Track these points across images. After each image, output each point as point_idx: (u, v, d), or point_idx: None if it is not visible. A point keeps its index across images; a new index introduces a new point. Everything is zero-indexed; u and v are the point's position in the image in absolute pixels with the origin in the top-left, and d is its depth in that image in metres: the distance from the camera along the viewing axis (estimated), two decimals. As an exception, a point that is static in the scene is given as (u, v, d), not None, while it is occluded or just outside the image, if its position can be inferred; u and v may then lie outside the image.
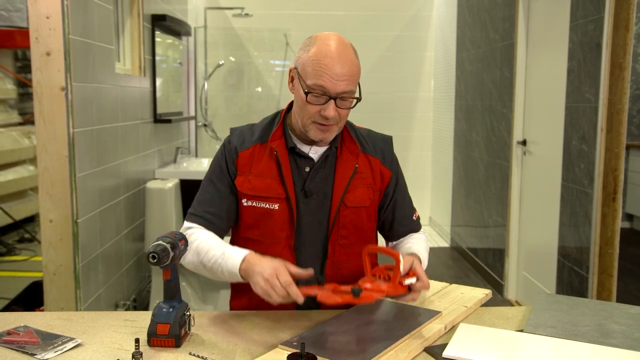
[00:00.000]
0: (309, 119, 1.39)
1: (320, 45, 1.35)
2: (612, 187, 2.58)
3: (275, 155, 1.45)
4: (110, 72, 2.90)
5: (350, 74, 1.34)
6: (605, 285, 2.63)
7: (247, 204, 1.46)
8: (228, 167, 1.48)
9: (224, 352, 1.22)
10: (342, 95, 1.35)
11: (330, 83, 1.33)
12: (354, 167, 1.47)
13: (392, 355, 1.17)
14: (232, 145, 1.49)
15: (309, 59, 1.35)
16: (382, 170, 1.52)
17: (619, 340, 1.27)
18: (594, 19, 2.65)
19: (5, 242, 4.64)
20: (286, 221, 1.44)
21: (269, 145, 1.46)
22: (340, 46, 1.35)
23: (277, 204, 1.44)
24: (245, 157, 1.47)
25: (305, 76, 1.36)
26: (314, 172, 1.46)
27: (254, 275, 1.26)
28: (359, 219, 1.49)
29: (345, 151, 1.48)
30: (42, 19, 2.28)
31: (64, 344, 1.23)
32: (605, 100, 2.55)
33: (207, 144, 5.43)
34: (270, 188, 1.44)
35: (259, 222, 1.46)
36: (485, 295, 1.58)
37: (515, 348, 1.23)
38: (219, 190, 1.48)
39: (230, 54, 5.50)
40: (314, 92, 1.34)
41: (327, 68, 1.33)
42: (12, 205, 4.71)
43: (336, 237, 1.47)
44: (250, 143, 1.48)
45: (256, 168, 1.46)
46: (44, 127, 2.34)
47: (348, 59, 1.35)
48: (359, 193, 1.48)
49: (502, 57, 3.88)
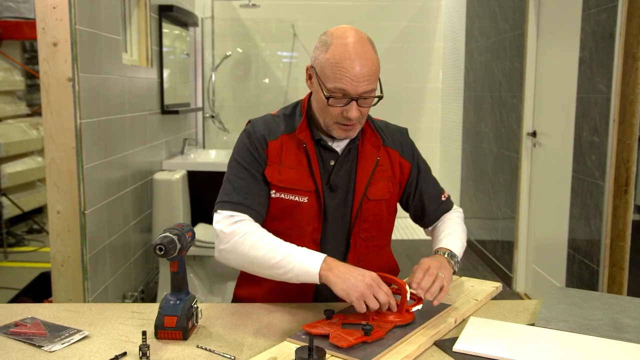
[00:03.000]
0: (331, 119, 1.37)
1: (337, 46, 1.31)
2: (624, 179, 2.54)
3: (305, 147, 1.42)
4: (117, 63, 2.89)
5: (370, 73, 1.31)
6: (616, 279, 2.60)
7: (275, 196, 1.42)
8: (259, 155, 1.43)
9: (232, 344, 1.21)
10: (363, 95, 1.32)
11: (350, 85, 1.30)
12: (376, 160, 1.45)
13: (401, 349, 1.15)
14: (259, 134, 1.44)
15: (327, 61, 1.32)
16: (401, 163, 1.51)
17: (632, 335, 1.24)
18: (606, 7, 2.60)
19: (14, 233, 4.66)
20: (314, 214, 1.42)
21: (296, 137, 1.43)
22: (357, 44, 1.31)
23: (306, 196, 1.41)
24: (275, 147, 1.43)
25: (324, 79, 1.33)
26: (339, 166, 1.45)
27: (350, 279, 1.22)
28: (380, 212, 1.48)
29: (367, 144, 1.47)
30: (49, 9, 2.27)
31: (71, 336, 1.22)
32: (618, 90, 2.51)
33: (214, 136, 5.42)
34: (300, 180, 1.42)
35: (285, 214, 1.43)
36: (495, 288, 1.56)
37: (526, 342, 1.21)
38: (255, 176, 1.42)
39: (238, 45, 5.48)
40: (335, 95, 1.32)
41: (347, 70, 1.29)
42: (21, 197, 4.73)
43: (358, 230, 1.46)
44: (278, 133, 1.44)
45: (286, 159, 1.42)
46: (51, 118, 2.33)
47: (367, 58, 1.31)
48: (380, 186, 1.47)
49: (512, 48, 3.83)
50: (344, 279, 1.23)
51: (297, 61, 5.51)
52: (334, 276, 1.24)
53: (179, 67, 4.30)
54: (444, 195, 1.60)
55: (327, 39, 1.34)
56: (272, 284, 1.43)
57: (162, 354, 1.16)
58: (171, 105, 3.87)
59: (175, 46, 4.17)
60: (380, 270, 1.34)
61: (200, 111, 5.06)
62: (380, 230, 1.51)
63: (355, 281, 1.22)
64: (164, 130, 3.79)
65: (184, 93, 4.46)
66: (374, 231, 1.49)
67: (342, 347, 1.12)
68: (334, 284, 1.24)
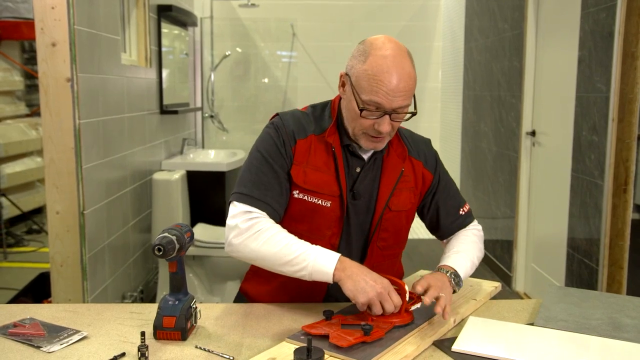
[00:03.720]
0: (360, 130, 1.34)
1: (376, 57, 1.27)
2: (623, 178, 2.54)
3: (333, 151, 1.39)
4: (116, 63, 2.89)
5: (406, 88, 1.28)
6: (615, 278, 2.60)
7: (297, 196, 1.38)
8: (286, 151, 1.38)
9: (231, 345, 1.21)
10: (397, 110, 1.30)
11: (385, 99, 1.27)
12: (400, 170, 1.43)
13: (401, 349, 1.15)
14: (289, 129, 1.40)
15: (364, 72, 1.28)
16: (424, 174, 1.48)
17: (631, 334, 1.24)
18: (606, 6, 2.60)
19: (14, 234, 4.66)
20: (335, 219, 1.40)
21: (324, 139, 1.40)
22: (397, 58, 1.28)
23: (329, 201, 1.38)
24: (303, 146, 1.39)
25: (359, 90, 1.30)
26: (364, 174, 1.42)
27: (361, 282, 1.22)
28: (399, 222, 1.46)
29: (392, 154, 1.44)
30: (48, 9, 2.27)
31: (69, 337, 1.22)
32: (617, 89, 2.51)
33: (213, 135, 5.42)
34: (326, 184, 1.38)
35: (305, 216, 1.39)
36: (494, 288, 1.56)
37: (525, 342, 1.21)
38: (277, 173, 1.37)
39: (237, 44, 5.47)
40: (368, 107, 1.30)
41: (383, 84, 1.26)
42: (20, 197, 4.73)
43: (376, 239, 1.44)
44: (308, 132, 1.40)
45: (313, 161, 1.39)
46: (50, 119, 2.33)
47: (405, 73, 1.27)
48: (403, 197, 1.44)
49: (511, 47, 3.83)
50: (355, 280, 1.23)
51: (296, 61, 5.51)
52: (346, 276, 1.24)
53: (178, 67, 4.29)
54: (463, 209, 1.54)
55: (365, 49, 1.31)
56: (282, 282, 1.42)
57: (161, 355, 1.15)
58: (170, 105, 3.87)
59: (174, 46, 4.17)
60: None
61: (200, 111, 5.06)
62: (398, 240, 1.48)
63: (366, 286, 1.22)
64: (163, 130, 3.79)
65: (183, 93, 4.46)
66: (392, 240, 1.46)
67: (342, 347, 1.12)
68: (344, 283, 1.24)
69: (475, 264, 1.47)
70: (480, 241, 1.53)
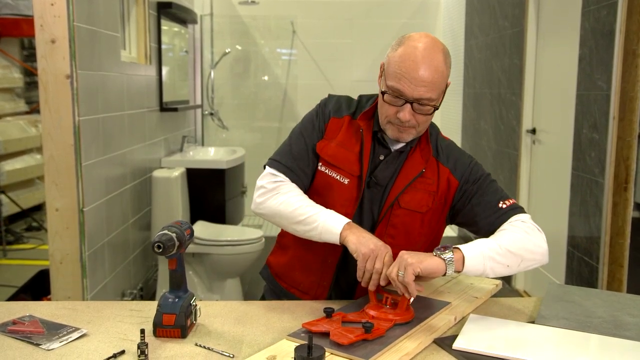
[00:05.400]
0: (385, 117, 1.37)
1: (408, 47, 1.31)
2: (624, 176, 2.54)
3: (361, 133, 1.44)
4: (115, 60, 2.88)
5: (431, 80, 1.29)
6: (615, 276, 2.60)
7: (321, 169, 1.46)
8: (319, 127, 1.48)
9: (231, 342, 1.20)
10: (420, 101, 1.31)
11: (408, 87, 1.29)
12: (421, 170, 1.42)
13: (401, 347, 1.15)
14: (328, 109, 1.49)
15: (394, 58, 1.32)
16: (449, 179, 1.43)
17: (633, 332, 1.24)
18: (607, 4, 2.59)
19: (13, 231, 4.66)
20: (351, 199, 1.43)
21: (357, 122, 1.46)
22: (427, 50, 1.30)
23: (347, 178, 1.43)
24: (336, 124, 1.47)
25: (387, 75, 1.34)
26: (385, 164, 1.43)
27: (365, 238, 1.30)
28: (412, 223, 1.43)
29: (417, 152, 1.44)
30: (47, 5, 2.26)
31: (69, 334, 1.22)
32: (618, 87, 2.51)
33: (213, 133, 5.41)
34: (348, 161, 1.43)
35: (325, 190, 1.45)
36: (495, 286, 1.56)
37: (526, 340, 1.21)
38: (307, 145, 1.47)
39: (237, 42, 5.46)
40: (391, 93, 1.32)
41: (407, 72, 1.29)
42: (20, 194, 4.72)
43: (383, 233, 1.42)
44: (344, 113, 1.48)
45: (342, 138, 1.45)
46: (50, 116, 2.32)
47: (432, 65, 1.29)
48: (418, 197, 1.42)
49: (511, 45, 3.83)
50: (359, 236, 1.31)
51: (296, 58, 5.50)
52: (352, 234, 1.32)
53: (178, 65, 4.28)
54: (505, 203, 1.40)
55: (402, 39, 1.35)
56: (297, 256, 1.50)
57: (161, 352, 1.15)
58: (170, 102, 3.86)
59: (174, 43, 4.16)
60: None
61: (199, 108, 5.05)
62: (410, 242, 1.44)
63: (368, 241, 1.30)
64: (162, 127, 3.79)
65: (183, 90, 4.45)
66: (401, 240, 1.43)
67: (343, 344, 1.11)
68: (349, 240, 1.31)
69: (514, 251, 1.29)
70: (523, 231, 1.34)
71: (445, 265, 1.24)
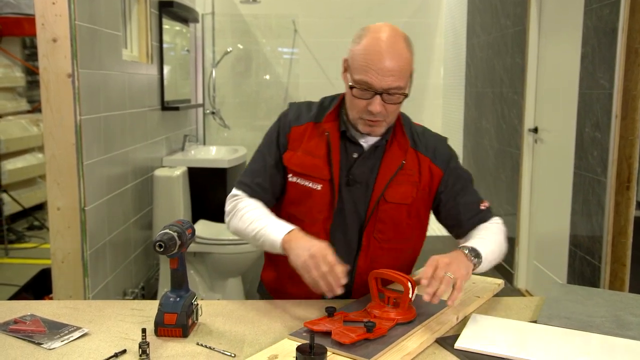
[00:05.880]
0: (356, 113, 1.37)
1: (370, 38, 1.32)
2: (626, 175, 2.53)
3: (327, 136, 1.43)
4: (117, 59, 2.88)
5: (398, 69, 1.30)
6: (617, 275, 2.60)
7: (292, 180, 1.46)
8: (279, 140, 1.48)
9: (232, 342, 1.20)
10: (389, 91, 1.31)
11: (376, 78, 1.29)
12: (401, 162, 1.43)
13: (403, 346, 1.15)
14: (288, 119, 1.49)
15: (358, 52, 1.32)
16: (431, 169, 1.45)
17: (635, 332, 1.24)
18: (609, 3, 2.59)
19: (15, 230, 4.66)
20: (326, 203, 1.43)
21: (322, 126, 1.45)
22: (390, 39, 1.31)
23: (320, 184, 1.42)
24: (297, 132, 1.46)
25: (353, 70, 1.33)
26: (361, 161, 1.43)
27: (298, 248, 1.26)
28: (399, 216, 1.44)
29: (394, 145, 1.44)
30: (48, 4, 2.26)
31: (70, 333, 1.22)
32: (620, 86, 2.50)
33: (215, 132, 5.41)
34: (316, 168, 1.43)
35: (301, 199, 1.45)
36: (497, 285, 1.55)
37: (528, 339, 1.20)
38: (266, 162, 1.48)
39: (238, 41, 5.46)
40: (359, 86, 1.32)
41: (373, 63, 1.29)
42: (22, 193, 4.73)
43: (372, 230, 1.43)
44: (305, 120, 1.47)
45: (306, 146, 1.45)
46: (51, 115, 2.32)
47: (397, 53, 1.30)
48: (401, 189, 1.43)
49: (513, 43, 3.82)
50: (294, 248, 1.27)
51: (298, 57, 5.50)
52: (289, 249, 1.29)
53: (180, 64, 4.28)
54: (483, 205, 1.51)
55: (362, 32, 1.35)
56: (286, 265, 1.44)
57: (162, 352, 1.15)
58: (171, 101, 3.86)
59: (175, 42, 4.16)
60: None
61: (201, 107, 5.05)
62: (399, 235, 1.46)
63: (301, 251, 1.25)
64: (164, 126, 3.79)
65: (185, 89, 4.45)
66: (391, 234, 1.45)
67: (345, 343, 1.11)
68: (288, 255, 1.29)
69: (499, 253, 1.41)
70: (503, 234, 1.49)
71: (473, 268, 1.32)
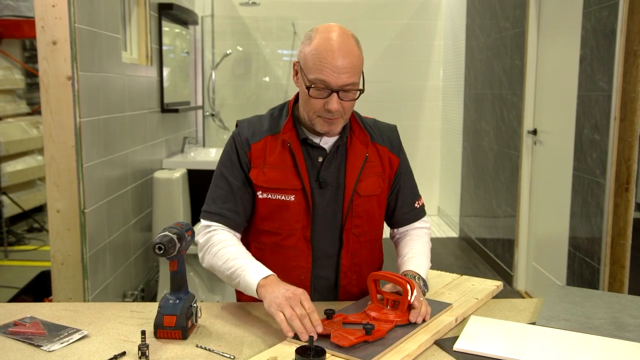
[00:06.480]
0: (313, 113, 1.38)
1: (320, 39, 1.34)
2: (625, 177, 2.54)
3: (289, 146, 1.43)
4: (117, 61, 2.88)
5: (351, 66, 1.32)
6: (617, 277, 2.60)
7: (262, 197, 1.44)
8: (240, 160, 1.45)
9: (232, 344, 1.20)
10: (344, 88, 1.34)
11: (331, 76, 1.32)
12: (365, 156, 1.46)
13: (402, 348, 1.15)
14: (243, 137, 1.46)
15: (310, 52, 1.34)
16: (390, 158, 1.52)
17: (634, 334, 1.24)
18: (608, 5, 2.59)
19: (15, 232, 4.66)
20: (302, 212, 1.43)
21: (280, 137, 1.44)
22: (340, 38, 1.33)
23: (292, 195, 1.42)
24: (257, 149, 1.44)
25: (307, 70, 1.35)
26: (327, 163, 1.45)
27: (275, 292, 1.22)
28: (371, 208, 1.49)
29: (355, 141, 1.47)
30: (48, 7, 2.26)
31: (70, 336, 1.22)
32: (619, 88, 2.51)
33: (214, 134, 5.41)
34: (286, 179, 1.43)
35: (274, 214, 1.44)
36: (496, 287, 1.55)
37: (527, 341, 1.21)
38: (231, 184, 1.45)
39: (238, 43, 5.47)
40: (315, 86, 1.33)
41: (328, 62, 1.31)
42: (21, 195, 4.73)
43: (350, 226, 1.47)
44: (261, 135, 1.46)
45: (270, 160, 1.44)
46: (51, 117, 2.33)
47: (349, 51, 1.33)
48: (370, 182, 1.48)
49: (512, 45, 3.82)
50: (270, 292, 1.23)
51: (297, 59, 5.50)
52: (265, 292, 1.25)
53: (179, 66, 4.29)
54: (419, 203, 1.59)
55: (311, 34, 1.37)
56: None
57: (162, 354, 1.15)
58: (171, 103, 3.86)
59: (175, 44, 4.16)
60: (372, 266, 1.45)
61: (200, 109, 5.05)
62: (372, 225, 1.51)
63: (276, 294, 1.21)
64: (163, 128, 3.79)
65: (184, 91, 4.45)
66: (366, 226, 1.49)
67: (344, 346, 1.11)
68: (264, 296, 1.25)
69: (429, 265, 1.52)
70: (429, 238, 1.60)
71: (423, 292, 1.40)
